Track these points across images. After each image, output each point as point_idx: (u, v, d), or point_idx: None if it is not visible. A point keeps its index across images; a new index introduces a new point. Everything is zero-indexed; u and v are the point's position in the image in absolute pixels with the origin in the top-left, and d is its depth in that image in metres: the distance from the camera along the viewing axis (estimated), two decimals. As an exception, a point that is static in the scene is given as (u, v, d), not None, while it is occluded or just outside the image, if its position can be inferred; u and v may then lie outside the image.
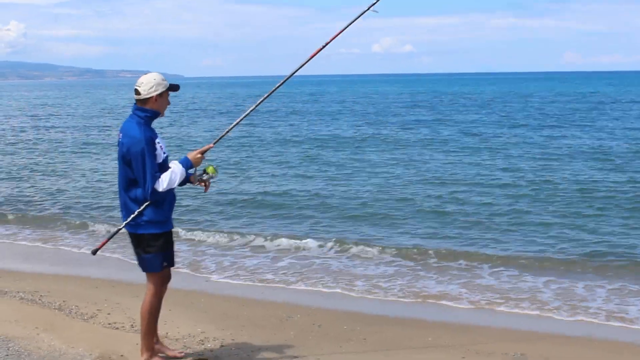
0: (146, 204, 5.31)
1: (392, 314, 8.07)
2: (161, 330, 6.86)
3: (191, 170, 5.52)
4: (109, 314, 7.49)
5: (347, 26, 6.06)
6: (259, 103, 6.05)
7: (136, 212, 5.34)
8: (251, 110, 5.97)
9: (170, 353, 5.97)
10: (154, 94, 5.41)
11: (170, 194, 5.44)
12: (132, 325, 7.11)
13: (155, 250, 5.47)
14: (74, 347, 6.26)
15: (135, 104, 5.50)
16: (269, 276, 9.70)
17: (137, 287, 8.76)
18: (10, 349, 6.07)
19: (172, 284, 5.84)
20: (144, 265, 5.56)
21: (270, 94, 5.96)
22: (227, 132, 5.96)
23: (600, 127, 31.93)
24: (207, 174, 5.57)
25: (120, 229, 5.55)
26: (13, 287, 8.55)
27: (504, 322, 7.84)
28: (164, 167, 5.37)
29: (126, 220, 5.42)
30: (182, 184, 5.52)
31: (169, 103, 5.57)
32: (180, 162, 5.42)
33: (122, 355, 6.13)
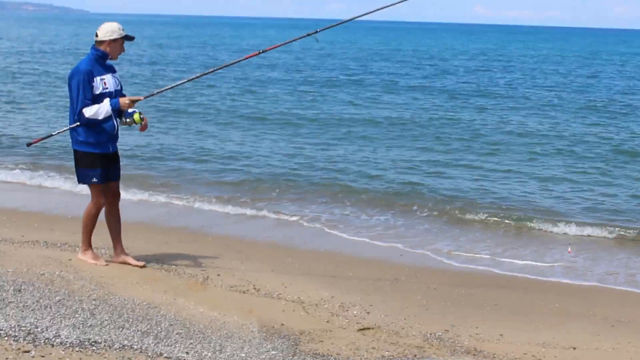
0: (76, 124, 6.36)
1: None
2: (293, 295, 6.51)
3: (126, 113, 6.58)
4: (218, 275, 6.96)
5: (285, 43, 7.45)
6: (201, 75, 7.66)
7: (67, 128, 6.45)
8: (189, 80, 7.46)
9: (134, 263, 6.87)
10: (108, 38, 6.49)
11: (106, 123, 6.41)
12: (254, 287, 6.68)
13: (84, 166, 6.50)
14: (225, 315, 5.76)
15: (94, 43, 6.54)
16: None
17: (224, 241, 8.38)
18: (168, 317, 5.49)
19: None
20: (77, 175, 6.65)
21: (217, 70, 7.44)
22: (159, 92, 7.29)
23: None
24: (133, 119, 6.56)
25: (53, 135, 7.02)
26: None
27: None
28: (100, 97, 6.37)
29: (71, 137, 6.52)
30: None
31: (123, 50, 6.66)
32: (110, 102, 6.41)
33: (282, 324, 5.72)
